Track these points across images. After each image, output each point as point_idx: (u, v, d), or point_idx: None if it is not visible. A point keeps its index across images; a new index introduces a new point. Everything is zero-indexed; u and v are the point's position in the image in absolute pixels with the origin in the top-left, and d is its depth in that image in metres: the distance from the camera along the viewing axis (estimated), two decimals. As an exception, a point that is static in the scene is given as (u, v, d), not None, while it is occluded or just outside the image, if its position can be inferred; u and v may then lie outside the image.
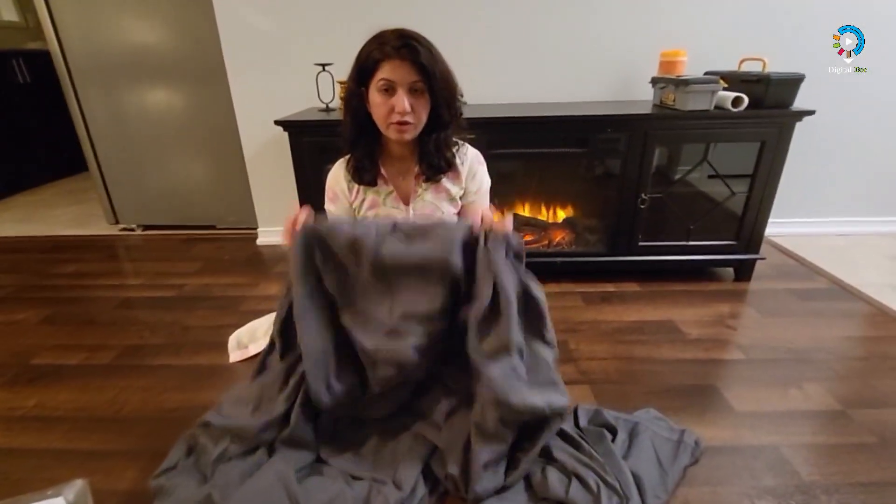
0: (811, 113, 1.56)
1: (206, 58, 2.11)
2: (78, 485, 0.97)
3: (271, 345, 1.18)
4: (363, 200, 1.14)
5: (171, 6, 2.09)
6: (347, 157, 1.13)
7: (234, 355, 1.43)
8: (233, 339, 1.46)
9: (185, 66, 2.19)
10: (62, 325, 1.64)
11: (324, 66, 1.76)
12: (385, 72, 0.95)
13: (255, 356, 1.41)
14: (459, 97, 1.06)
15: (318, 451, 1.02)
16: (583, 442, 1.03)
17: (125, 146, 2.36)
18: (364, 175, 1.10)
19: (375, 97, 0.98)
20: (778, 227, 2.17)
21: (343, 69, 1.05)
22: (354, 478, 0.95)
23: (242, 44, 1.95)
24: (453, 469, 0.94)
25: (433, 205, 1.15)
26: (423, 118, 1.02)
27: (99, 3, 2.12)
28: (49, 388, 1.32)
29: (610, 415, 1.12)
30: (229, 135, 2.16)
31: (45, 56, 2.30)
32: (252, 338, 1.45)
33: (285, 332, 1.06)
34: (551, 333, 1.04)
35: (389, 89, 0.97)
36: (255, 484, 0.92)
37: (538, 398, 0.92)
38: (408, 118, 0.98)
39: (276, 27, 1.92)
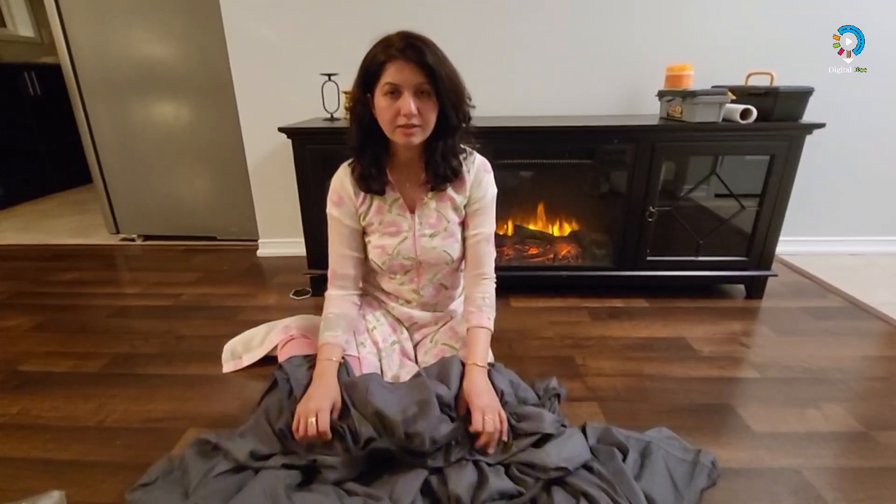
0: (821, 126, 1.54)
1: (212, 71, 2.13)
2: (54, 496, 0.92)
3: (274, 382, 1.15)
4: (369, 206, 1.12)
5: (181, 20, 2.12)
6: (351, 161, 1.11)
7: (228, 366, 1.38)
8: (227, 349, 1.41)
9: (192, 80, 2.20)
10: (53, 332, 1.60)
11: (329, 76, 1.76)
12: (390, 74, 0.93)
13: (249, 367, 1.37)
14: (468, 100, 1.04)
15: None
16: (591, 461, 0.96)
17: (130, 157, 2.37)
18: (371, 183, 1.08)
19: (381, 101, 0.96)
20: (788, 246, 2.12)
21: (349, 79, 1.04)
22: (348, 493, 0.89)
23: (249, 55, 1.96)
24: (457, 488, 0.88)
25: (438, 213, 1.13)
26: (431, 121, 0.99)
27: (111, 19, 2.15)
28: (34, 396, 1.27)
29: (620, 433, 1.05)
30: (233, 147, 2.16)
31: (56, 69, 2.32)
32: (247, 348, 1.40)
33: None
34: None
35: (395, 92, 0.94)
36: (242, 499, 0.86)
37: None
38: (414, 121, 0.95)
39: (282, 38, 1.93)
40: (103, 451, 1.08)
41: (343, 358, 1.10)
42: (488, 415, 0.96)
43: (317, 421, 0.93)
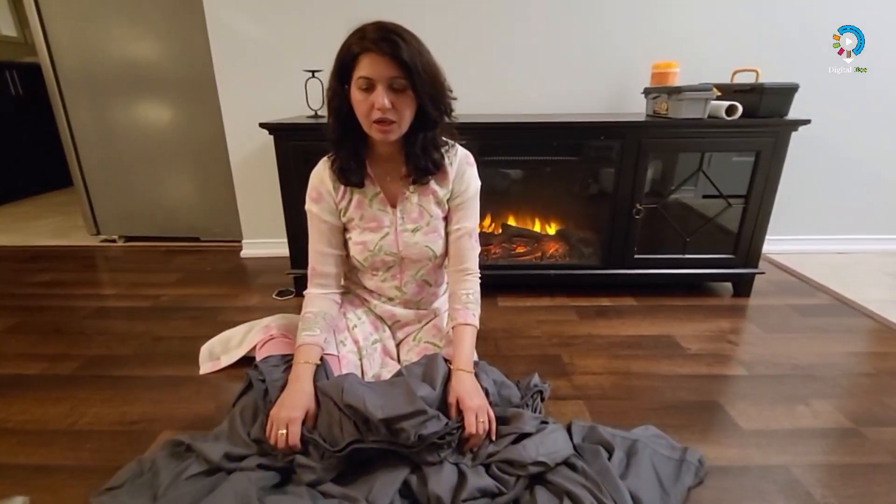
0: (806, 122, 1.54)
1: (195, 70, 2.10)
2: (17, 502, 0.88)
3: (249, 383, 1.13)
4: (349, 201, 1.09)
5: (162, 18, 2.09)
6: (331, 155, 1.08)
7: (206, 367, 1.34)
8: (205, 350, 1.37)
9: (174, 78, 2.17)
10: (27, 334, 1.55)
11: (313, 72, 1.74)
12: (363, 68, 0.90)
13: (227, 368, 1.33)
14: (448, 92, 1.02)
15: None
16: (576, 460, 0.94)
17: (111, 158, 2.32)
18: (350, 176, 1.05)
19: (356, 94, 0.93)
20: (775, 245, 2.13)
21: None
22: (323, 495, 0.85)
23: (232, 53, 1.93)
24: (437, 488, 0.85)
25: (420, 207, 1.10)
26: (408, 116, 0.96)
27: (91, 17, 2.11)
28: (2, 399, 1.22)
29: (606, 431, 1.03)
30: (217, 147, 2.13)
31: (38, 69, 2.27)
32: (225, 349, 1.36)
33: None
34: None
35: (369, 87, 0.92)
36: (212, 502, 0.82)
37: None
38: (389, 116, 0.92)
39: (266, 34, 1.91)
40: (72, 455, 1.03)
41: (322, 358, 1.06)
42: (480, 416, 0.94)
43: (287, 434, 0.91)
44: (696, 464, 0.97)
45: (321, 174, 1.09)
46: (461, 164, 1.10)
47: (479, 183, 1.13)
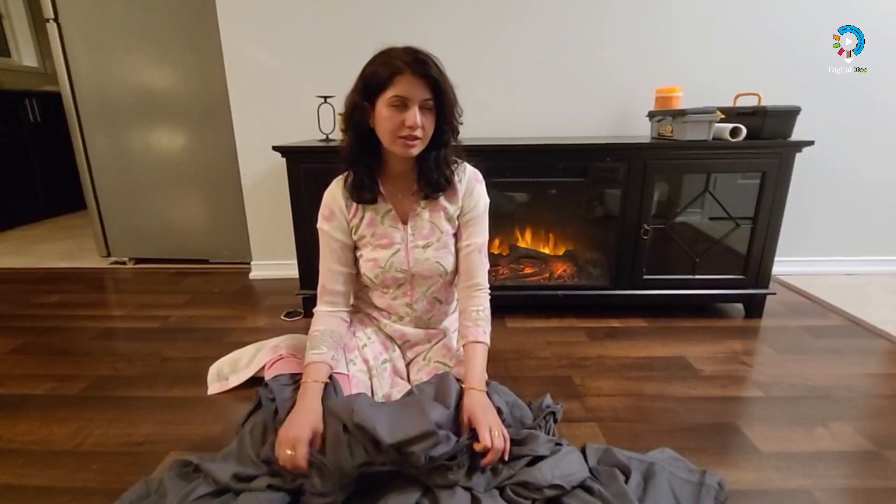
0: (810, 143, 1.56)
1: (209, 97, 2.16)
2: (20, 525, 0.86)
3: (259, 402, 1.12)
4: (361, 219, 1.11)
5: (181, 49, 2.16)
6: (345, 174, 1.10)
7: (213, 387, 1.33)
8: (213, 370, 1.36)
9: (189, 105, 2.23)
10: (34, 354, 1.54)
11: (325, 98, 1.78)
12: (398, 87, 0.94)
13: (235, 389, 1.32)
14: (458, 115, 1.06)
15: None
16: (592, 483, 0.91)
17: (125, 182, 2.36)
18: (364, 193, 1.07)
19: (384, 111, 0.96)
20: (785, 266, 2.12)
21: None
22: (333, 518, 0.83)
23: (247, 80, 2.00)
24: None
25: (431, 224, 1.12)
26: (430, 135, 1.01)
27: (112, 48, 2.19)
28: (8, 419, 1.21)
29: (622, 454, 1.01)
30: (228, 171, 2.18)
31: (57, 97, 2.34)
32: (233, 368, 1.35)
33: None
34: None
35: (401, 104, 0.95)
36: (219, 524, 0.80)
37: None
38: (417, 133, 0.97)
39: (280, 63, 1.97)
40: (77, 477, 1.02)
41: (331, 377, 1.06)
42: (494, 431, 0.92)
43: (295, 455, 0.88)
44: (715, 487, 0.94)
45: (334, 193, 1.11)
46: (470, 180, 1.12)
47: (487, 199, 1.15)
